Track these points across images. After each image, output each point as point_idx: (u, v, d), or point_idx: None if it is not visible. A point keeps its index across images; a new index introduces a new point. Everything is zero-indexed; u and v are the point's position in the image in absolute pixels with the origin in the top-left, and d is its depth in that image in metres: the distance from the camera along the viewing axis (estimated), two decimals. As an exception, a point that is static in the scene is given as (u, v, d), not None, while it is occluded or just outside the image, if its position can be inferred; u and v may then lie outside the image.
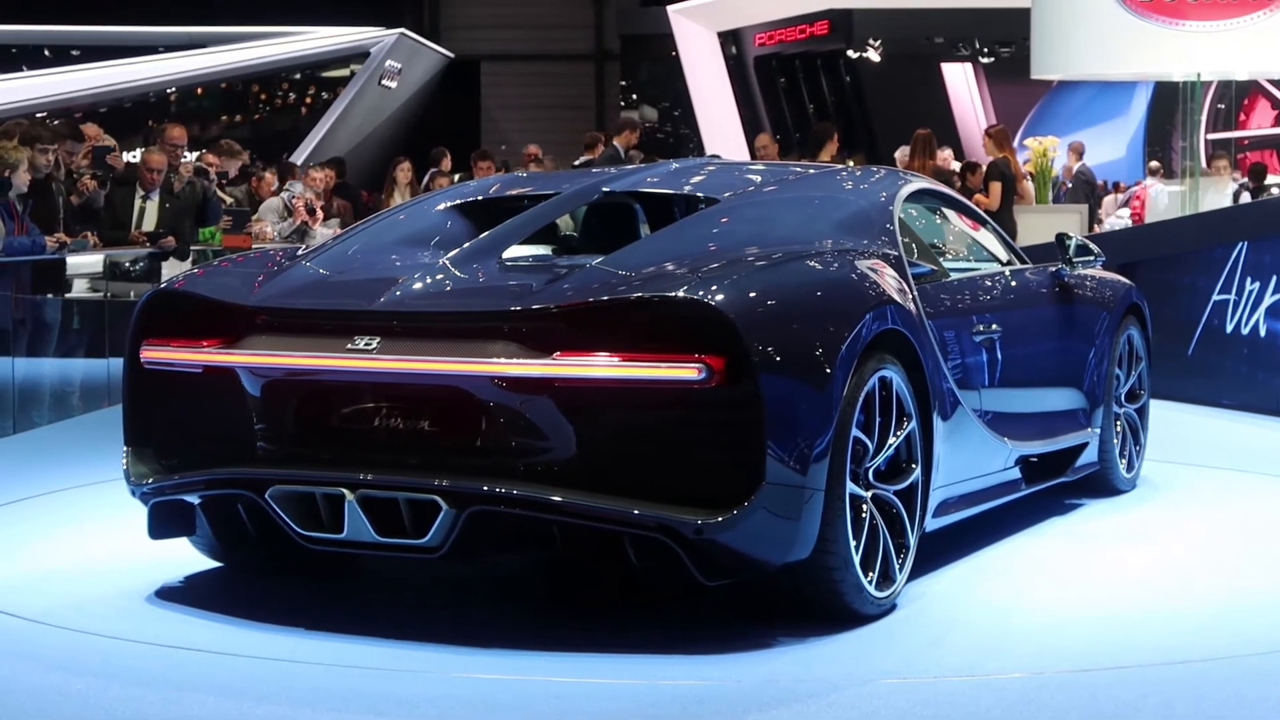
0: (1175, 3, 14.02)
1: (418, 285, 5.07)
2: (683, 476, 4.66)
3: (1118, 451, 7.22)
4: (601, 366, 4.62)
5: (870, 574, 4.97)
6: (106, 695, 4.28)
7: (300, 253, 5.63)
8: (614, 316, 4.69)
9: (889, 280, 5.26)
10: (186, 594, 5.35)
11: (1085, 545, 6.30)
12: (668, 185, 6.16)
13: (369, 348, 4.83)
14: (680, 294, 4.66)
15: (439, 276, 5.13)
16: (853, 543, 4.88)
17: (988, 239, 7.06)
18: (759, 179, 6.13)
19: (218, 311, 5.15)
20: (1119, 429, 7.25)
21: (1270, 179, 18.94)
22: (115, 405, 10.36)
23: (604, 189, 5.97)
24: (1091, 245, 7.21)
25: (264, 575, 5.56)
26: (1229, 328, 10.09)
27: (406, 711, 4.20)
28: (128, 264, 12.27)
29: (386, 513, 4.77)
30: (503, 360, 4.70)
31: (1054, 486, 6.76)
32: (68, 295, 11.19)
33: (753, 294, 4.75)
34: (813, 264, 5.16)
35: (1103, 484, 7.18)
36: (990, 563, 5.93)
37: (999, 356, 6.10)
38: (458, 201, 6.04)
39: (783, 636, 4.84)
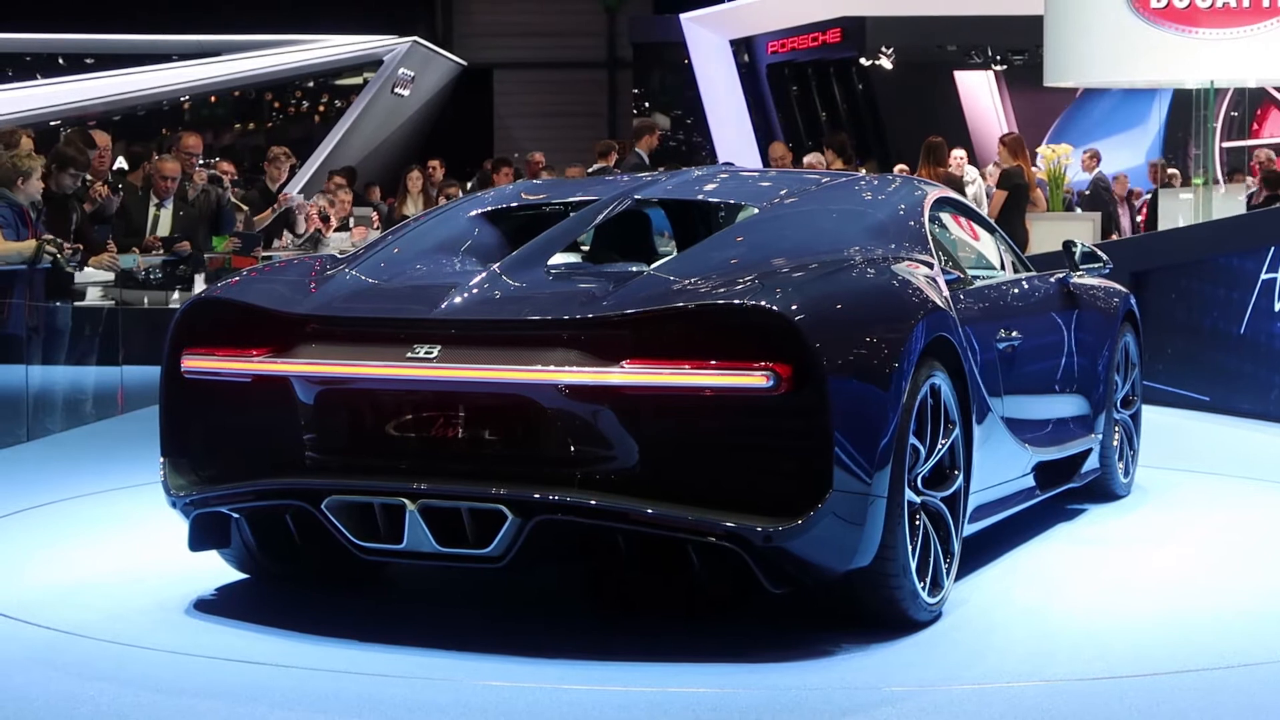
0: (1188, 10, 14.01)
1: (474, 293, 5.02)
2: (748, 484, 4.67)
3: (1116, 457, 7.28)
4: (670, 374, 4.62)
5: (924, 580, 4.99)
6: (119, 701, 4.28)
7: (340, 260, 5.55)
8: (682, 324, 4.69)
9: (933, 287, 5.30)
10: (201, 601, 5.35)
11: (1095, 551, 6.32)
12: (703, 193, 6.20)
13: (430, 356, 4.79)
14: (748, 302, 4.66)
15: (493, 284, 5.09)
16: (910, 549, 4.89)
17: (997, 246, 7.09)
18: (791, 186, 6.11)
19: (263, 319, 5.07)
20: (1117, 435, 7.32)
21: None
22: (129, 412, 10.40)
23: (637, 196, 5.96)
24: (1099, 252, 7.30)
25: (281, 584, 5.52)
26: (1278, 306, 10.11)
27: (418, 718, 4.20)
28: (142, 272, 12.32)
29: (448, 523, 4.73)
30: (572, 368, 4.68)
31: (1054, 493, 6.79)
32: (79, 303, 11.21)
33: (816, 301, 4.76)
34: (868, 271, 5.19)
35: (1101, 489, 7.25)
36: (1008, 569, 5.93)
37: (1019, 363, 6.13)
38: (490, 209, 6.01)
39: (800, 645, 4.83)
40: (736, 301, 4.68)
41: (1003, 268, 6.99)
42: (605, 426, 4.71)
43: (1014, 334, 6.12)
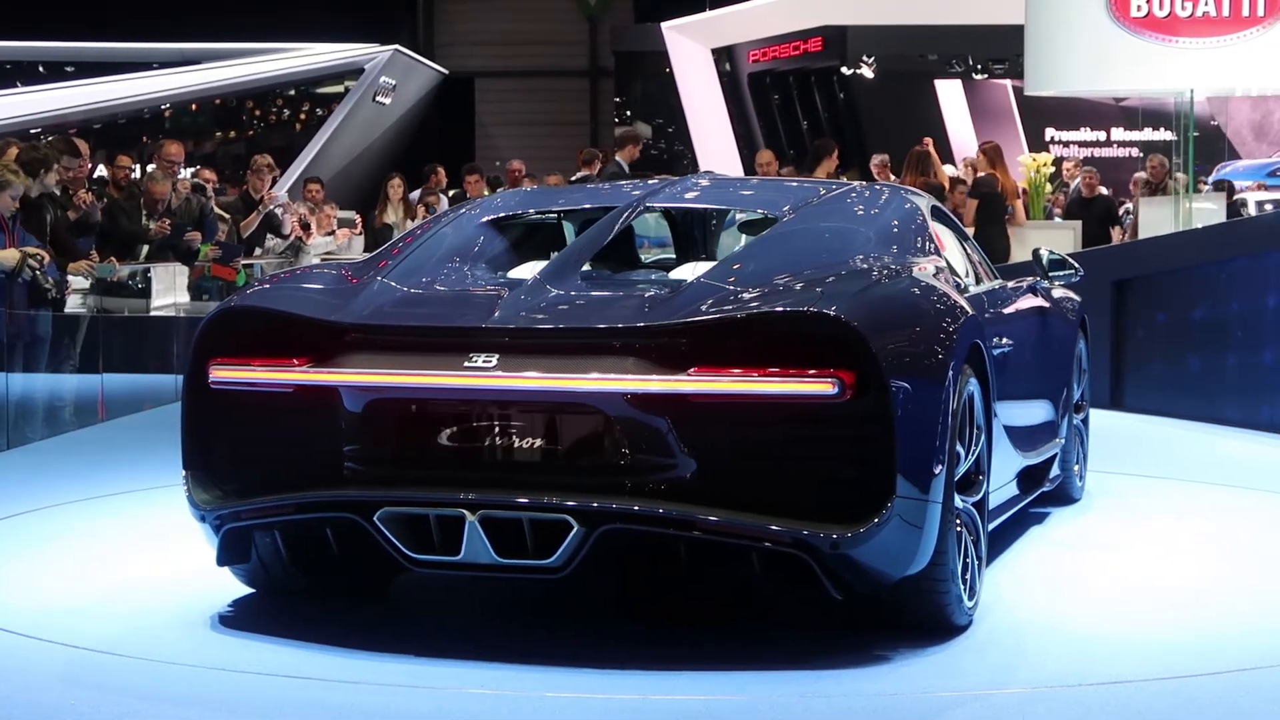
0: (1169, 19, 14.06)
1: (525, 301, 4.94)
2: (809, 491, 4.66)
3: (1074, 461, 7.36)
4: (736, 382, 4.60)
5: (964, 585, 5.02)
6: (101, 709, 4.27)
7: (365, 266, 5.43)
8: (745, 332, 4.68)
9: (961, 295, 5.33)
10: (185, 609, 5.32)
11: (1082, 554, 6.37)
12: (721, 201, 6.31)
13: (489, 365, 4.72)
14: (813, 309, 4.65)
15: (541, 292, 5.02)
16: (957, 554, 4.92)
17: (972, 255, 7.14)
18: (799, 197, 6.06)
19: (300, 328, 4.95)
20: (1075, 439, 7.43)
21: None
22: (109, 420, 10.38)
23: (651, 204, 5.98)
24: (1069, 260, 7.40)
25: (277, 596, 5.43)
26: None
27: (400, 726, 4.20)
28: (127, 278, 12.38)
29: (506, 534, 4.67)
30: (636, 376, 4.65)
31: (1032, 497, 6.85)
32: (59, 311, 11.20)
33: (874, 308, 4.78)
34: (911, 279, 5.19)
35: (1059, 493, 7.33)
36: (1010, 574, 5.95)
37: (1010, 369, 6.17)
38: (506, 215, 6.00)
39: (848, 652, 4.82)
40: (802, 309, 4.66)
41: (970, 275, 7.04)
42: (667, 434, 4.67)
43: (1005, 340, 6.16)
